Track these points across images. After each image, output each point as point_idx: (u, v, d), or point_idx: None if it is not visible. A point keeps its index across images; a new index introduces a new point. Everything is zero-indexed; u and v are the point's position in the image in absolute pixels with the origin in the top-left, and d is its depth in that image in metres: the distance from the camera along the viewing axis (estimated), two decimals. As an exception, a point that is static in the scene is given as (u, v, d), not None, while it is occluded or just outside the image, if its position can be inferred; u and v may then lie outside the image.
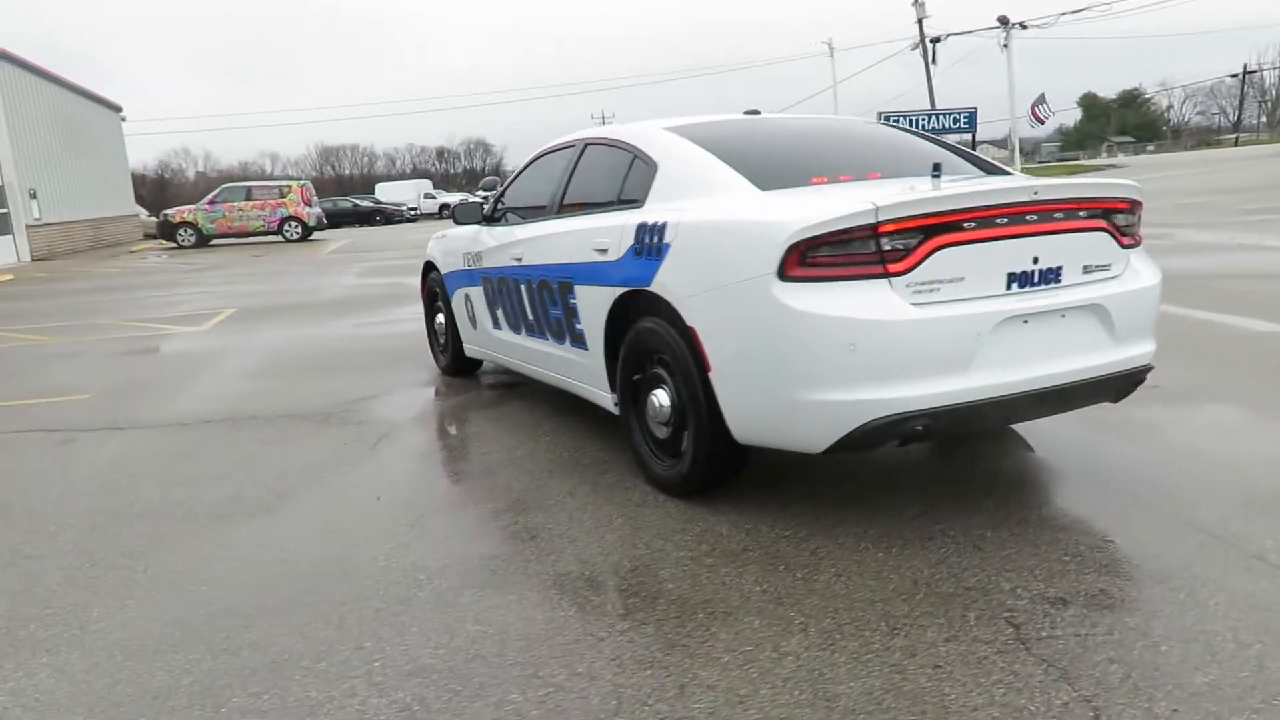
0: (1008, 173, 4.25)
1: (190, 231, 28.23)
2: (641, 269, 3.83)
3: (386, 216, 45.61)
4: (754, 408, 3.39)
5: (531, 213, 5.22)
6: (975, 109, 41.48)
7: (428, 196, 54.56)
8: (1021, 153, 60.66)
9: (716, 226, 3.57)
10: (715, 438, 3.57)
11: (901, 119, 40.85)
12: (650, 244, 3.80)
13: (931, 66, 48.23)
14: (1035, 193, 3.28)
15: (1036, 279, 3.32)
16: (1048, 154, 59.99)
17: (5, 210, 25.82)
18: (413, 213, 48.70)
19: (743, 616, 2.86)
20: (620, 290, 3.98)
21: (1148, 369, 3.65)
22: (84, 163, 31.45)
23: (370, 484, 4.34)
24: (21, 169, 26.44)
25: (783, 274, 3.15)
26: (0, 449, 5.44)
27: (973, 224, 3.18)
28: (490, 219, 5.68)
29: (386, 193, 56.26)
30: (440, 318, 6.68)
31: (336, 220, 40.75)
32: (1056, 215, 3.35)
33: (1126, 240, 3.59)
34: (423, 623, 2.93)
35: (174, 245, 28.20)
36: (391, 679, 2.61)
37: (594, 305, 4.23)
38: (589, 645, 2.73)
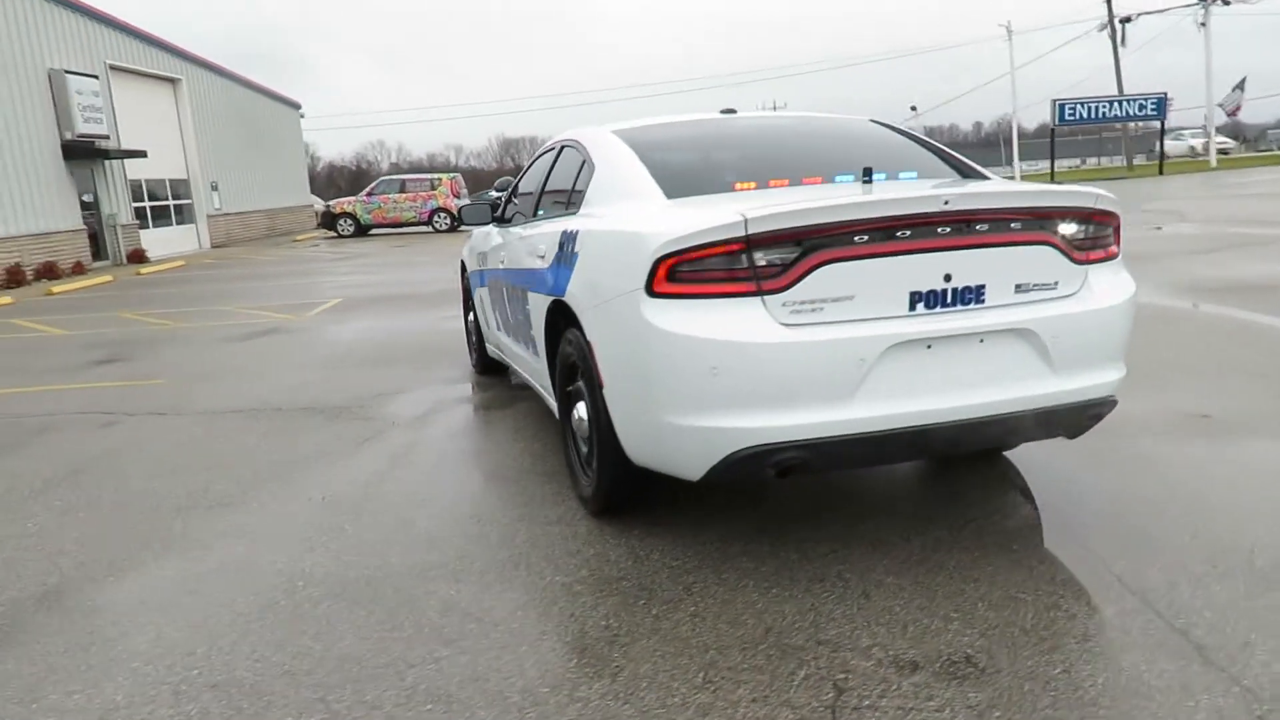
0: (985, 177, 3.83)
1: (350, 221, 29.91)
2: (560, 278, 3.70)
3: None
4: (637, 429, 3.20)
5: (521, 215, 5.17)
6: (1165, 94, 38.22)
7: None
8: (1243, 140, 54.95)
9: (608, 237, 3.39)
10: (615, 457, 3.40)
11: (1078, 106, 38.32)
12: (567, 252, 3.66)
13: (1120, 48, 44.81)
14: (946, 202, 2.92)
15: (950, 299, 2.96)
16: (1275, 140, 54.20)
17: (189, 201, 28.23)
18: None
19: (564, 654, 2.71)
20: (550, 299, 3.87)
21: (1106, 402, 3.20)
22: (262, 157, 33.90)
23: (328, 484, 4.42)
24: (204, 163, 28.80)
25: (650, 289, 2.94)
26: (42, 428, 5.90)
27: (865, 237, 2.87)
28: (502, 219, 5.66)
29: None
30: (472, 316, 6.76)
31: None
32: (978, 227, 2.97)
33: (1083, 255, 3.15)
34: (263, 633, 2.94)
35: (335, 234, 29.96)
36: (193, 689, 2.62)
37: (537, 312, 4.14)
38: (395, 672, 2.66)
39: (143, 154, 23.27)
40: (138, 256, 23.02)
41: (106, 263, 22.34)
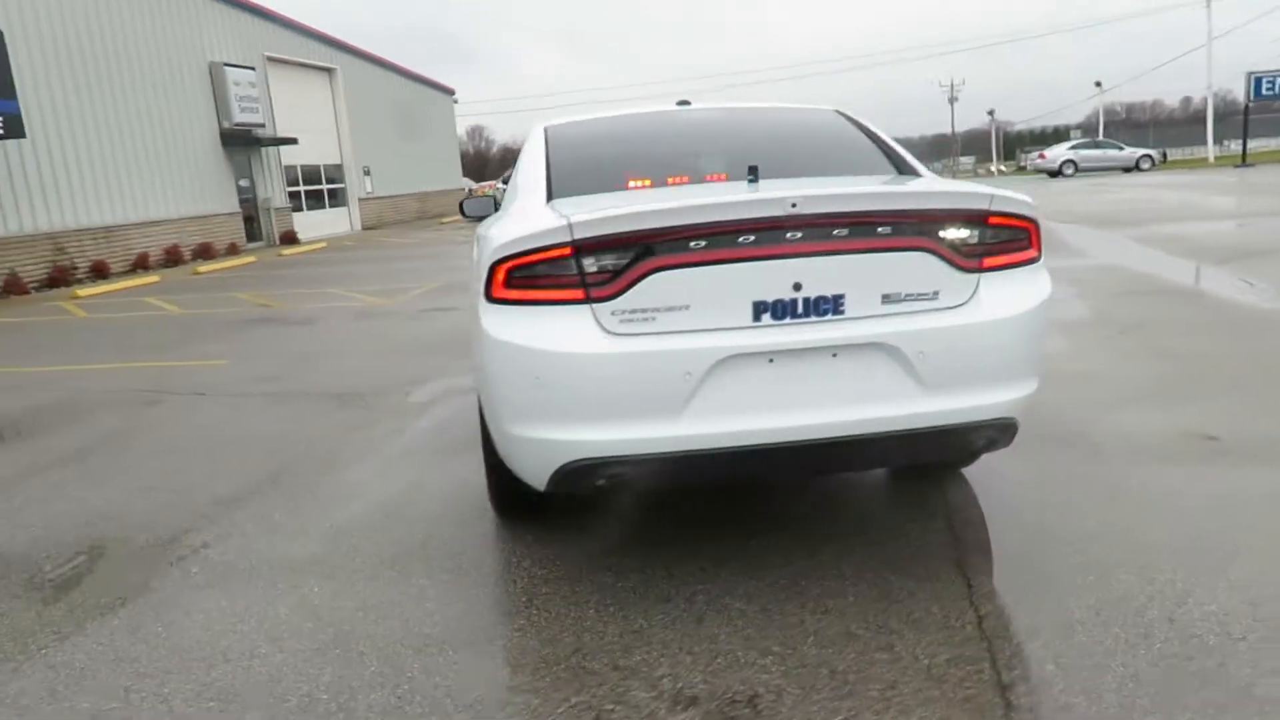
0: (918, 174, 3.53)
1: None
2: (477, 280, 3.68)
3: None
4: (496, 436, 3.15)
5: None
6: (1382, 63, 34.01)
7: None
8: None
9: (481, 240, 3.34)
10: (494, 460, 3.37)
11: (1272, 80, 34.63)
12: (477, 255, 3.64)
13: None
14: (794, 205, 2.70)
15: (800, 309, 2.75)
16: None
17: (342, 185, 29.87)
18: None
19: (371, 656, 2.71)
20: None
21: (994, 426, 2.89)
22: (414, 142, 35.40)
23: (280, 469, 4.59)
24: (357, 149, 30.37)
25: (488, 295, 2.88)
26: (92, 405, 6.42)
27: (703, 242, 2.70)
28: None
29: None
30: None
31: None
32: (836, 232, 2.74)
33: (972, 262, 2.85)
34: (67, 607, 3.10)
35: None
36: None
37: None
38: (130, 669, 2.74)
39: (294, 141, 24.79)
40: (289, 238, 24.60)
41: (260, 244, 23.99)
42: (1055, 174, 35.42)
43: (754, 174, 3.15)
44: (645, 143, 3.97)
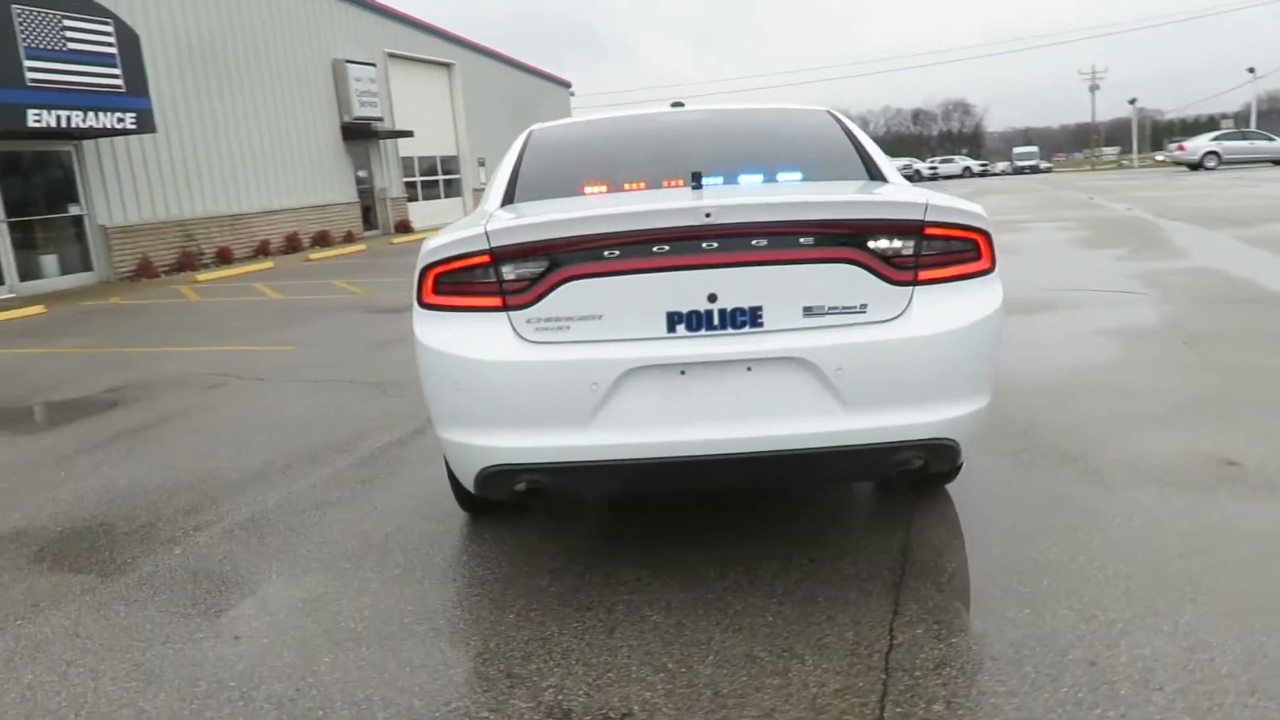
0: (885, 181, 3.38)
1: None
2: None
3: None
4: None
5: None
6: None
7: None
8: None
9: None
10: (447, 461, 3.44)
11: None
12: None
13: None
14: (708, 215, 2.64)
15: (716, 321, 2.69)
16: None
17: (457, 176, 30.77)
18: None
19: (277, 648, 2.82)
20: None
21: (925, 447, 2.75)
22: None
23: (293, 458, 4.79)
24: (473, 141, 31.21)
25: (420, 300, 2.94)
26: (162, 386, 6.85)
27: (617, 252, 2.68)
28: None
29: None
30: None
31: None
32: (755, 242, 2.67)
33: (905, 275, 2.73)
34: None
35: (584, 208, 31.40)
36: (-2, 634, 3.04)
37: None
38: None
39: (410, 134, 25.67)
40: (403, 227, 25.54)
41: (376, 232, 24.99)
42: (1196, 166, 33.11)
43: (697, 180, 3.10)
44: (617, 147, 3.95)
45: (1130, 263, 10.09)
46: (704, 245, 2.66)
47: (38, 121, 13.30)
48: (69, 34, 13.83)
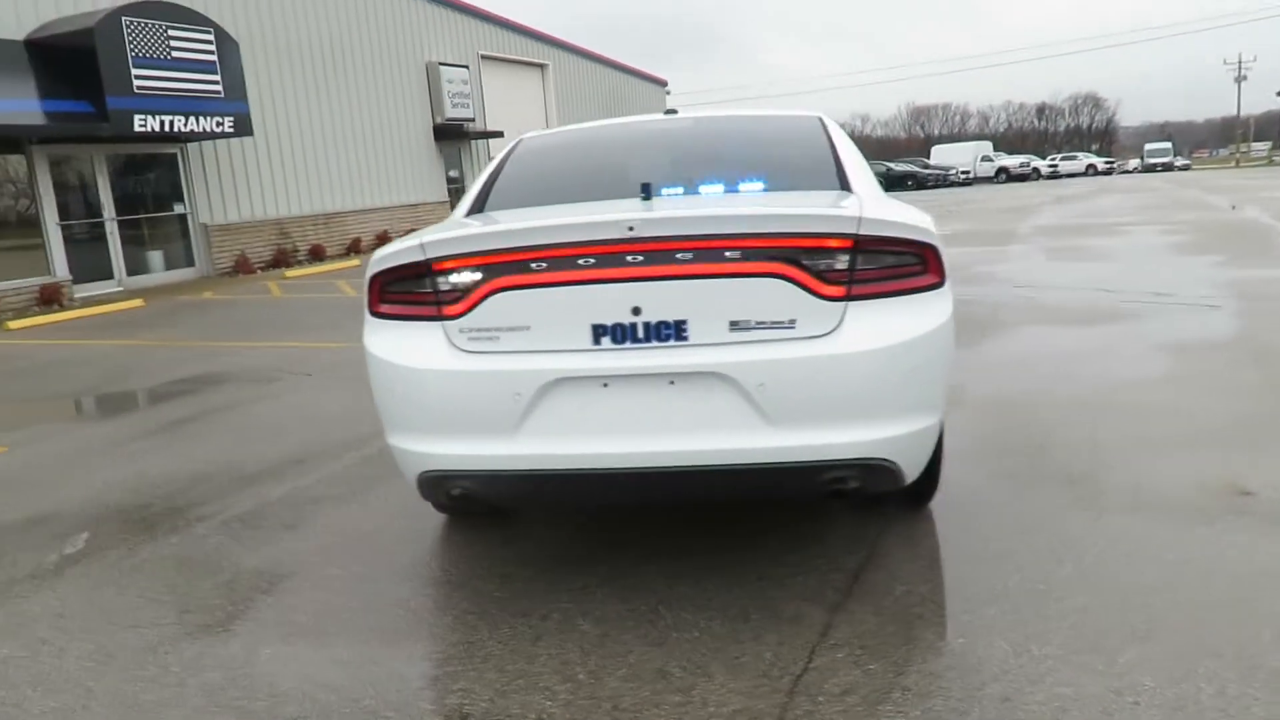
0: (850, 193, 3.30)
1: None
2: None
3: (919, 181, 44.00)
4: None
5: None
6: None
7: (985, 159, 52.18)
8: None
9: None
10: None
11: None
12: None
13: None
14: (631, 228, 2.64)
15: (640, 334, 2.69)
16: None
17: (550, 176, 31.24)
18: (964, 176, 46.63)
19: (184, 637, 2.95)
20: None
21: (858, 466, 2.68)
22: (623, 133, 36.38)
23: (310, 453, 4.98)
24: (565, 141, 31.60)
25: (370, 308, 3.02)
26: (220, 377, 7.20)
27: (544, 264, 2.71)
28: None
29: (942, 155, 55.00)
30: None
31: (887, 185, 41.38)
32: (680, 256, 2.65)
33: (838, 289, 2.66)
34: None
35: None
36: (-9, 613, 3.26)
37: None
38: None
39: (500, 134, 26.14)
40: (493, 226, 26.08)
41: (467, 231, 25.59)
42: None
43: (646, 192, 3.09)
44: (592, 157, 3.96)
45: (1224, 270, 9.51)
46: (628, 258, 2.66)
47: (143, 126, 14.12)
48: (173, 43, 14.63)
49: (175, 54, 14.68)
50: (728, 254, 2.64)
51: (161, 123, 14.42)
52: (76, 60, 13.55)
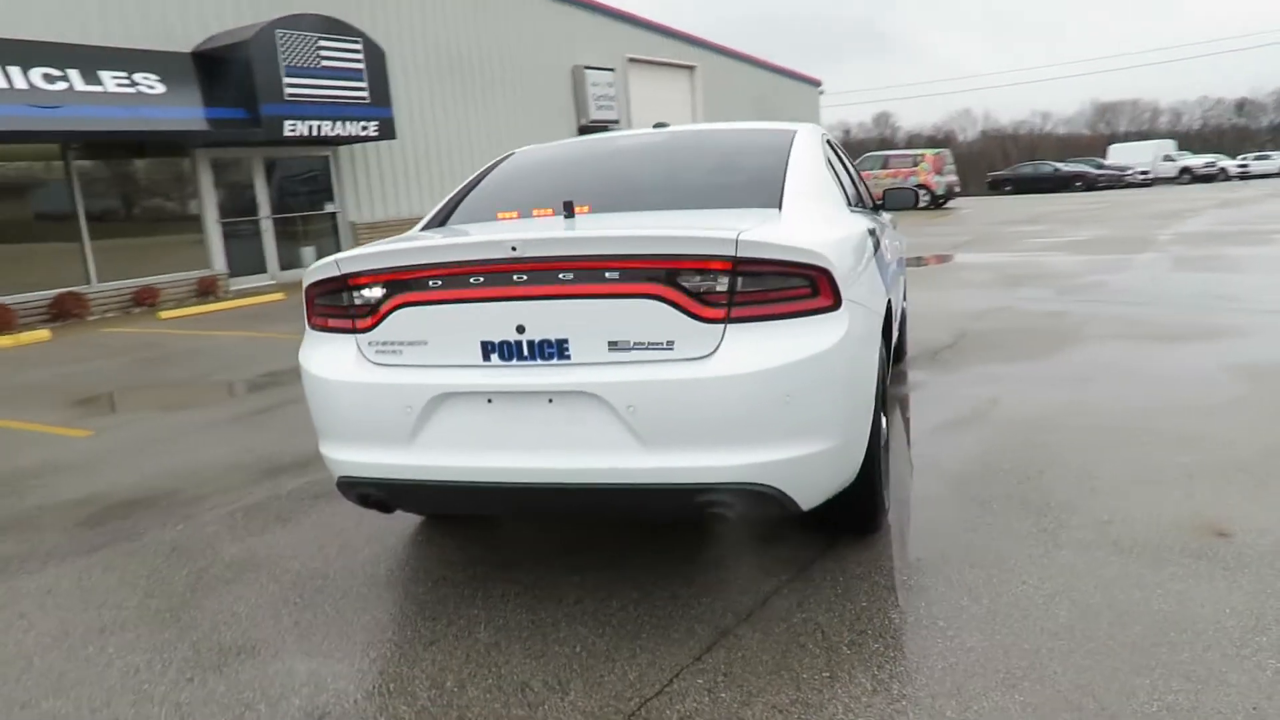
0: (778, 212, 3.22)
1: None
2: None
3: (1088, 182, 41.35)
4: None
5: None
6: None
7: (1166, 159, 48.65)
8: None
9: None
10: None
11: None
12: None
13: None
14: (514, 249, 2.70)
15: (525, 351, 2.75)
16: None
17: (693, 176, 31.37)
18: (1143, 176, 43.66)
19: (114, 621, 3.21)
20: None
21: (735, 490, 2.64)
22: (771, 133, 36.04)
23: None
24: (710, 141, 31.66)
25: (307, 321, 3.21)
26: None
27: (439, 282, 2.81)
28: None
29: (1120, 155, 51.65)
30: None
31: (1025, 186, 39.47)
32: (562, 276, 2.69)
33: (717, 311, 2.63)
34: None
35: (818, 208, 30.88)
36: None
37: None
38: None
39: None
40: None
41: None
42: None
43: (569, 210, 3.15)
44: (559, 173, 4.01)
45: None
46: (514, 278, 2.72)
47: (293, 131, 15.22)
48: (323, 53, 15.68)
49: (325, 63, 15.72)
50: (607, 274, 2.66)
51: (310, 127, 15.48)
52: (235, 70, 14.76)
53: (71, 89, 13.15)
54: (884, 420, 3.45)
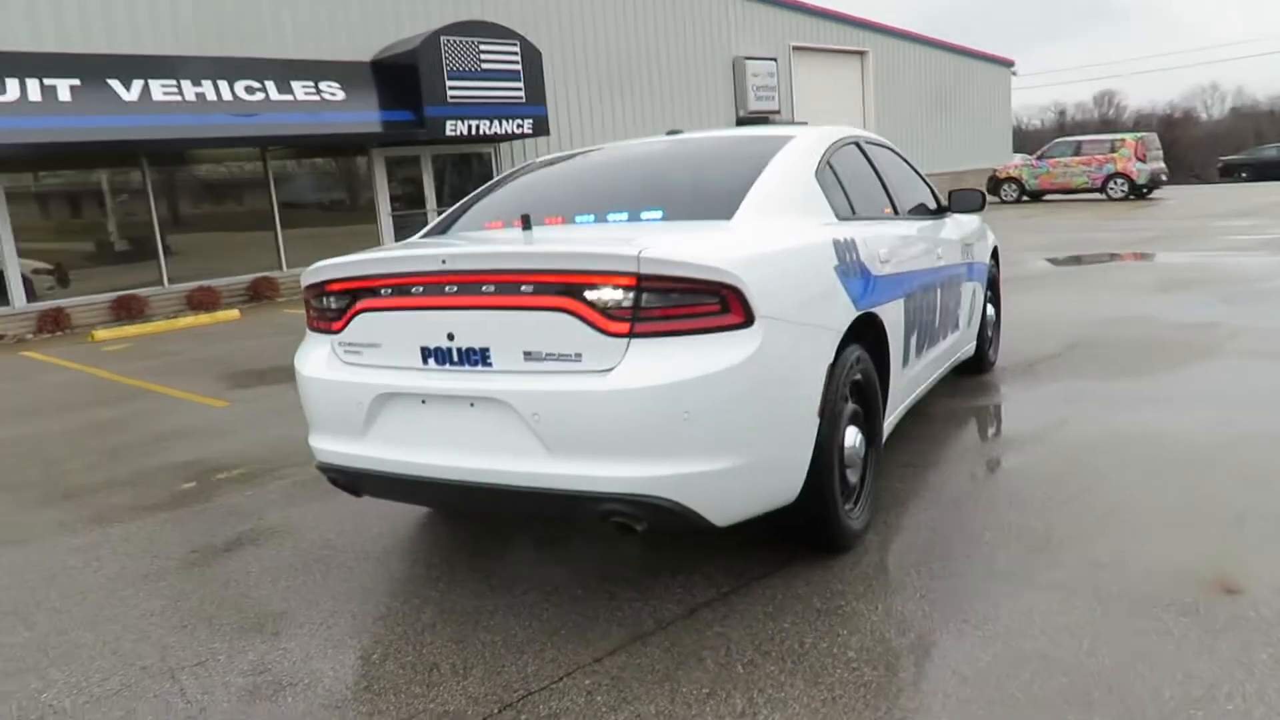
0: (726, 222, 3.23)
1: (1013, 187, 28.89)
2: None
3: None
4: None
5: None
6: None
7: None
8: None
9: None
10: None
11: None
12: None
13: None
14: (444, 261, 2.90)
15: (455, 358, 2.95)
16: None
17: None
18: None
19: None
20: None
21: (631, 501, 2.72)
22: (953, 119, 34.46)
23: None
24: (882, 130, 30.67)
25: (308, 322, 3.54)
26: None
27: (390, 290, 3.07)
28: None
29: None
30: None
31: (1265, 172, 35.71)
32: (485, 288, 2.87)
33: (622, 326, 2.73)
34: None
35: (997, 200, 29.29)
36: None
37: None
38: None
39: (803, 124, 26.09)
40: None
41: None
42: None
43: (526, 223, 3.31)
44: (552, 184, 4.16)
45: None
46: (446, 289, 2.92)
47: (453, 130, 16.14)
48: (483, 56, 16.50)
49: (484, 66, 16.54)
50: (523, 288, 2.81)
51: (469, 127, 16.35)
52: (404, 75, 15.82)
53: (268, 99, 14.59)
54: (851, 437, 3.39)
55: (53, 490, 5.10)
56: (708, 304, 2.71)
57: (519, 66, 17.11)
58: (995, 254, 6.42)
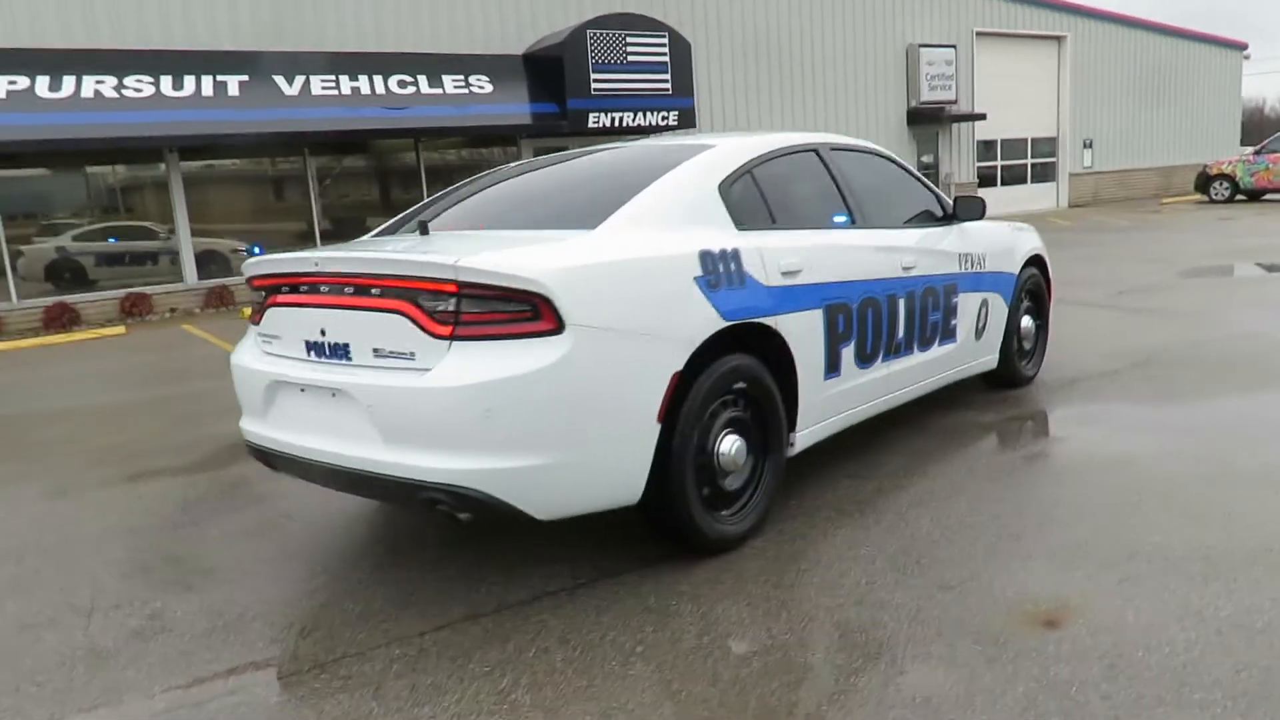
0: (591, 231, 3.36)
1: (1225, 185, 26.19)
2: None
3: None
4: None
5: None
6: None
7: None
8: None
9: None
10: None
11: None
12: None
13: None
14: (316, 264, 3.24)
15: (327, 351, 3.29)
16: None
17: (1053, 160, 28.64)
18: None
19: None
20: None
21: (446, 491, 2.95)
22: (1167, 109, 31.61)
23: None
24: (1079, 120, 28.67)
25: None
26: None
27: (288, 289, 3.44)
28: None
29: None
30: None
31: None
32: (347, 290, 3.19)
33: (446, 329, 2.97)
34: None
35: (1205, 199, 26.69)
36: None
37: None
38: None
39: (981, 117, 24.81)
40: (966, 212, 24.96)
41: (934, 217, 24.90)
42: None
43: (424, 229, 3.59)
44: (489, 193, 4.31)
45: None
46: (321, 289, 3.26)
47: (595, 123, 16.66)
48: (630, 49, 16.90)
49: (630, 58, 16.94)
50: (372, 291, 3.10)
51: (611, 119, 16.83)
52: (551, 68, 16.49)
53: (419, 92, 15.66)
54: (729, 445, 3.46)
55: (118, 451, 5.90)
56: (520, 311, 2.90)
57: (667, 58, 17.38)
58: (1043, 264, 6.08)
